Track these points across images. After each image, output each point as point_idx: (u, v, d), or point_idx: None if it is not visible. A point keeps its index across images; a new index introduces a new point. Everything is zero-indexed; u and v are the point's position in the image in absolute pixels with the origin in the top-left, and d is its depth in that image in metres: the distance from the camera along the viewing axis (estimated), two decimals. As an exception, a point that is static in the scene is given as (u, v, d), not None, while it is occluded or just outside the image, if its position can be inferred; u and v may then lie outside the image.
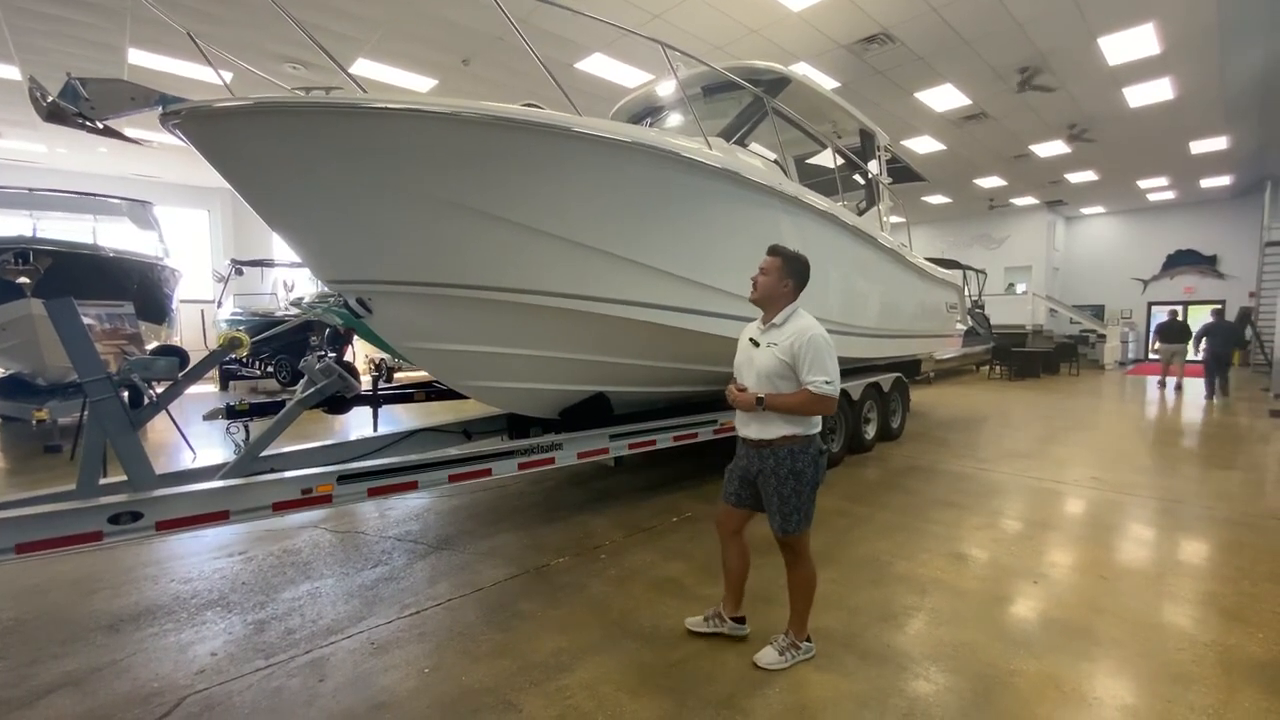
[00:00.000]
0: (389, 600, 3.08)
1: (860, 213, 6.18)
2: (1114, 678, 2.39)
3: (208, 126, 2.82)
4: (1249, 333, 14.18)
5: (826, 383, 2.25)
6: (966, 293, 12.52)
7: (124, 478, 2.83)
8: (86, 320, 7.14)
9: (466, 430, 4.84)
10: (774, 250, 2.46)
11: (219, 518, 2.80)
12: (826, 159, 6.76)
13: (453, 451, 3.68)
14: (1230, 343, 11.54)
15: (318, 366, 3.39)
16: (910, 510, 4.49)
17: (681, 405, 5.08)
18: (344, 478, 3.16)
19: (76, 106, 2.76)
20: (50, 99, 2.66)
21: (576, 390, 4.26)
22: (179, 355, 4.57)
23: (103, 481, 2.82)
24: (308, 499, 3.05)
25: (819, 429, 2.43)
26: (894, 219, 7.31)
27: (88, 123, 2.81)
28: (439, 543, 3.88)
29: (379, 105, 2.82)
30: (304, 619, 2.89)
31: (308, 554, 3.72)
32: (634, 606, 2.98)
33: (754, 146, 5.09)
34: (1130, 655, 2.55)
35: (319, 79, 8.65)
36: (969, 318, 12.30)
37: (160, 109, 2.79)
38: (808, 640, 2.50)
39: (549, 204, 3.28)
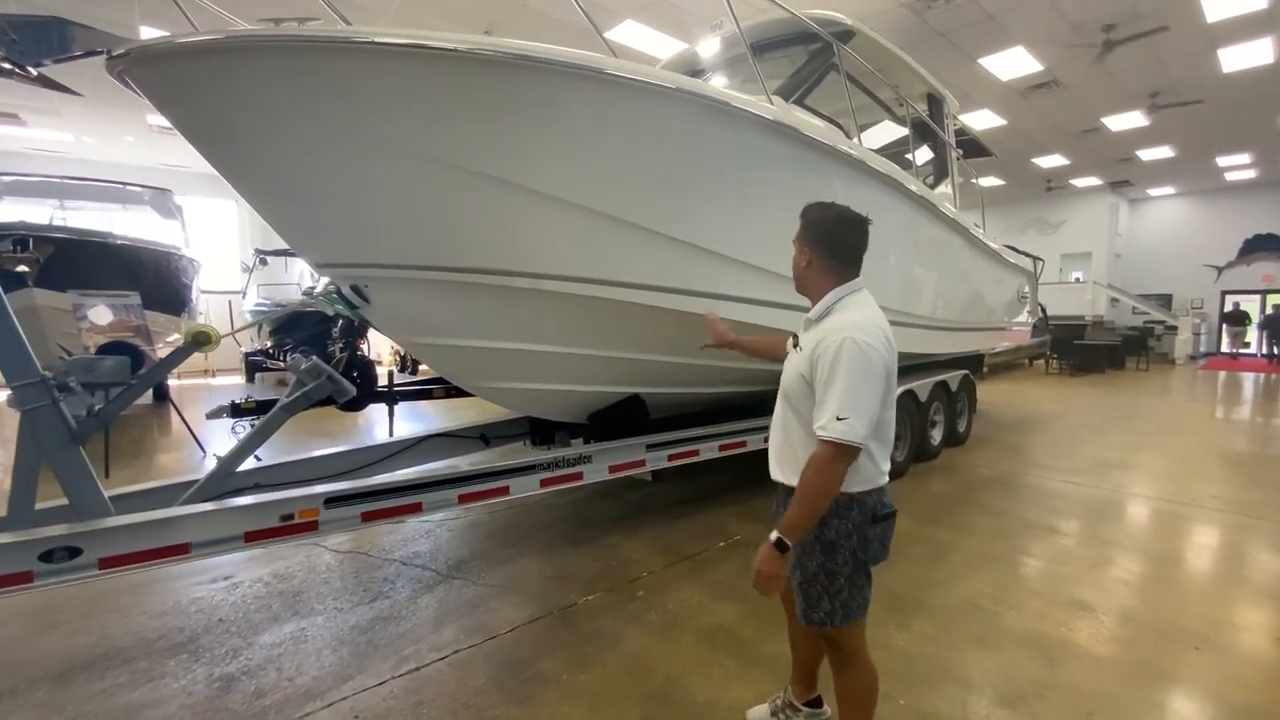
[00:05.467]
0: (384, 650, 2.55)
1: (929, 187, 5.42)
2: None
3: (161, 71, 2.28)
4: None
5: (839, 419, 1.42)
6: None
7: (65, 501, 2.35)
8: (91, 311, 6.94)
9: (484, 435, 4.29)
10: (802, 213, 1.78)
11: (177, 552, 2.30)
12: (882, 133, 6.00)
13: (464, 467, 3.13)
14: None
15: (303, 366, 2.87)
16: (1001, 536, 3.79)
17: (724, 407, 4.45)
18: (332, 500, 2.63)
19: (3, 49, 2.26)
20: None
21: (608, 392, 3.67)
22: (131, 353, 4.16)
23: (40, 506, 2.34)
24: (288, 527, 2.53)
25: (879, 483, 1.60)
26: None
27: (17, 70, 2.32)
28: (450, 569, 3.35)
29: (376, 40, 2.24)
30: (280, 675, 2.37)
31: (300, 580, 3.23)
32: (682, 669, 2.39)
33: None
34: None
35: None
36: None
37: (107, 54, 2.27)
38: None
39: (575, 168, 2.68)
